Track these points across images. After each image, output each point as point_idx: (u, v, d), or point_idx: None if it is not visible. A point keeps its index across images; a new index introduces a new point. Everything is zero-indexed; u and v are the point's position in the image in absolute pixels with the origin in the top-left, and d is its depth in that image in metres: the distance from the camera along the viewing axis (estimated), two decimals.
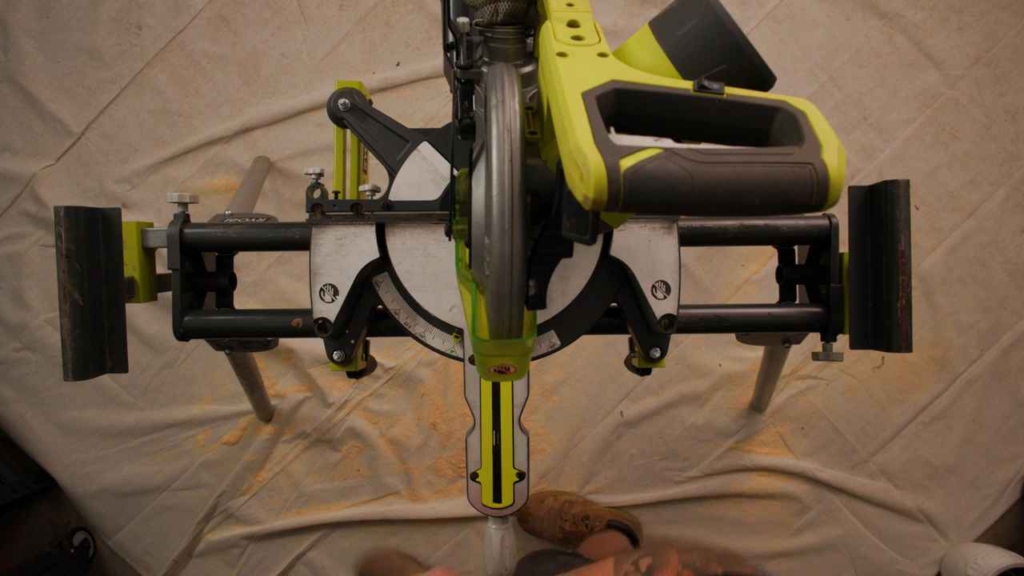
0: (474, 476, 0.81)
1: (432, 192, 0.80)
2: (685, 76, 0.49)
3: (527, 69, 0.58)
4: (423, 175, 0.81)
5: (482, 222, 0.53)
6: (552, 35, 0.47)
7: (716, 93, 0.40)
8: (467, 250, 0.62)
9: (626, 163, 0.35)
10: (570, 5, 0.51)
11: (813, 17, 1.63)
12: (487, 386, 0.80)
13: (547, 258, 0.54)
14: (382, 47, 1.64)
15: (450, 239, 0.73)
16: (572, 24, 0.49)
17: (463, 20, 0.56)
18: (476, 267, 0.56)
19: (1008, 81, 1.63)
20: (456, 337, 0.81)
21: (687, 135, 0.43)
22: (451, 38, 0.60)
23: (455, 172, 0.65)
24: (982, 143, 1.63)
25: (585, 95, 0.40)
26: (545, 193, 0.52)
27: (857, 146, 1.64)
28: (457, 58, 0.59)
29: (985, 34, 1.63)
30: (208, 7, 1.63)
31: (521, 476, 0.81)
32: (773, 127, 0.40)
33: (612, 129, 0.41)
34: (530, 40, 0.59)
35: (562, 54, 0.45)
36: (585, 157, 0.35)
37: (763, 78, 0.49)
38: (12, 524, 1.66)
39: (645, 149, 0.35)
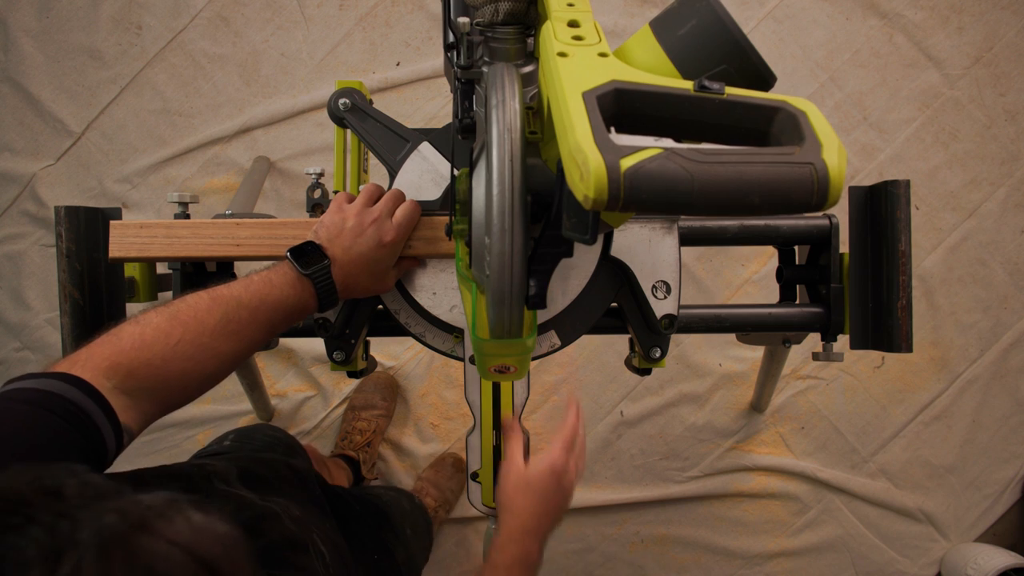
0: (474, 476, 0.81)
1: (432, 192, 0.80)
2: (685, 76, 0.49)
3: (527, 69, 0.58)
4: (423, 175, 0.81)
5: (482, 222, 0.53)
6: (553, 35, 0.47)
7: (716, 93, 0.40)
8: (467, 250, 0.62)
9: (626, 163, 0.35)
10: (570, 5, 0.51)
11: (813, 17, 1.63)
12: (487, 386, 0.80)
13: (547, 258, 0.54)
14: (382, 47, 1.64)
15: (450, 239, 0.72)
16: (572, 24, 0.49)
17: (463, 20, 0.56)
18: (476, 267, 0.56)
19: (1008, 81, 1.63)
20: (456, 337, 0.81)
21: (687, 135, 0.43)
22: (451, 38, 0.60)
23: (455, 172, 0.65)
24: (982, 143, 1.63)
25: (585, 95, 0.40)
26: (545, 193, 0.52)
27: (857, 146, 1.64)
28: (457, 58, 0.59)
29: (985, 34, 1.63)
30: (208, 7, 1.62)
31: None
32: (773, 127, 0.40)
33: (612, 129, 0.41)
34: (530, 40, 0.58)
35: (563, 54, 0.45)
36: (585, 156, 0.35)
37: (763, 78, 0.49)
38: None
39: (645, 149, 0.35)
